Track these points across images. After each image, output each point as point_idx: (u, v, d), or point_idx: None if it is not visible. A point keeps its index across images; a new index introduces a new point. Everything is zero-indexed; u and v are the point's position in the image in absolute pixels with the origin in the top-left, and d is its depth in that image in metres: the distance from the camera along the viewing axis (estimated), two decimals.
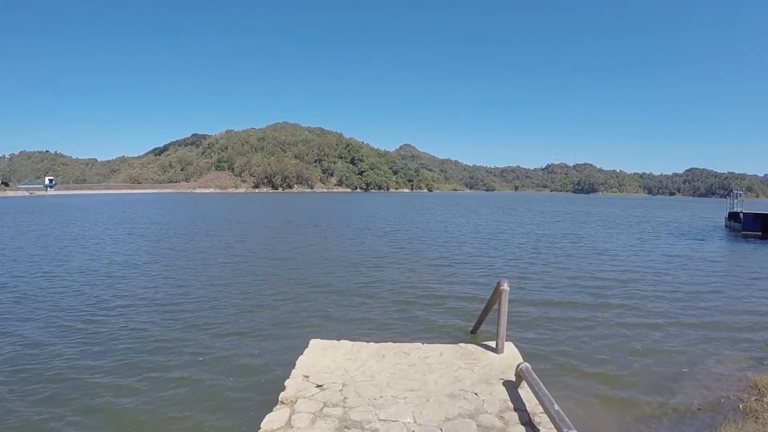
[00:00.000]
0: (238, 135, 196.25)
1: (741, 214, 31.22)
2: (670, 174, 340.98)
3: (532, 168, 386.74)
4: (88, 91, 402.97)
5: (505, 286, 6.25)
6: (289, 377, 5.37)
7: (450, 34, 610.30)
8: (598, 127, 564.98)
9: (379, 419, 4.43)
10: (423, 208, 62.12)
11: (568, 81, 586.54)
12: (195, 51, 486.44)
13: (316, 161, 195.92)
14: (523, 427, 4.37)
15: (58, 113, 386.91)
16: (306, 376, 5.40)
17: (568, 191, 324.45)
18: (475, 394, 5.05)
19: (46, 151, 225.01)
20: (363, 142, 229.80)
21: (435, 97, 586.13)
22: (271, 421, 4.43)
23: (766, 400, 5.94)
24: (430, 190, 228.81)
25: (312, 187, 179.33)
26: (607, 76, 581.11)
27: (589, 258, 18.42)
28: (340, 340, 6.76)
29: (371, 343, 6.63)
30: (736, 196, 35.77)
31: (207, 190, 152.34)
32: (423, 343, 6.72)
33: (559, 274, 14.68)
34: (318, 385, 5.17)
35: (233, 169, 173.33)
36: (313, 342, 6.58)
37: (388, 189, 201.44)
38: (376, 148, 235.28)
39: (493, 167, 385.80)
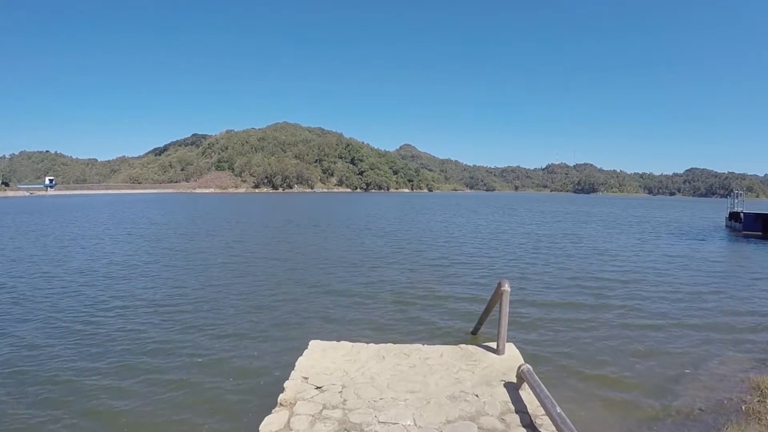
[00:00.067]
0: (238, 135, 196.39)
1: (741, 214, 31.19)
2: (671, 174, 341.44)
3: (532, 168, 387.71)
4: (88, 91, 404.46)
5: (506, 287, 6.21)
6: (288, 379, 5.33)
7: (450, 34, 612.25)
8: (598, 127, 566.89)
9: (378, 421, 4.39)
10: (423, 208, 62.07)
11: (568, 81, 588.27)
12: (195, 51, 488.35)
13: (316, 161, 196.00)
14: (524, 430, 4.34)
15: (59, 113, 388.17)
16: (305, 378, 5.35)
17: (568, 191, 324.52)
18: (476, 395, 5.01)
19: (47, 151, 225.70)
20: (363, 142, 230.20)
21: (435, 97, 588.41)
22: (269, 424, 4.39)
23: None
24: (430, 190, 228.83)
25: (312, 187, 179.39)
26: (607, 76, 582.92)
27: (589, 258, 18.37)
28: (339, 341, 6.73)
29: (371, 344, 6.59)
30: (737, 196, 35.72)
31: (207, 190, 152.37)
32: (423, 344, 6.69)
33: (559, 274, 14.63)
34: (317, 387, 5.13)
35: (233, 169, 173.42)
36: (312, 343, 6.54)
37: (389, 189, 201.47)
38: (376, 148, 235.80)
39: (493, 167, 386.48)
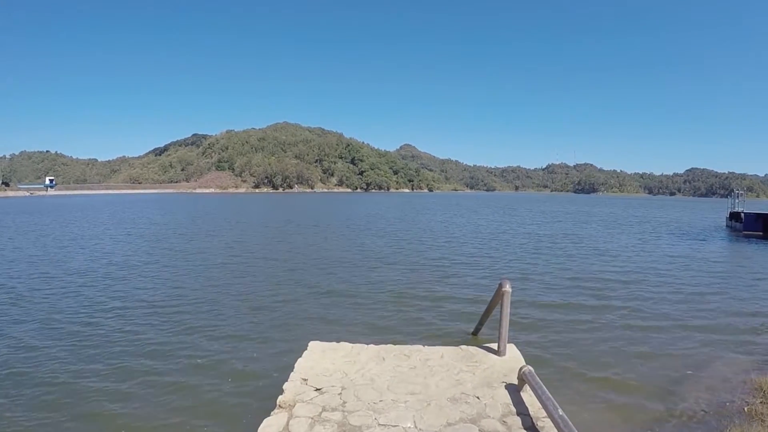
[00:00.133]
0: (238, 135, 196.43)
1: (742, 214, 31.13)
2: (671, 174, 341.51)
3: (532, 168, 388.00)
4: (88, 91, 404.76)
5: (507, 288, 6.16)
6: (287, 380, 5.28)
7: (450, 34, 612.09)
8: (599, 127, 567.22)
9: (378, 424, 4.34)
10: (423, 208, 62.03)
11: (568, 81, 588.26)
12: (195, 51, 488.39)
13: (316, 161, 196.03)
14: None
15: (59, 113, 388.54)
16: (305, 380, 5.31)
17: (568, 191, 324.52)
18: (477, 397, 4.96)
19: (47, 151, 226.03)
20: (363, 142, 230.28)
21: (435, 97, 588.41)
22: (268, 426, 4.35)
23: None
24: (430, 190, 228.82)
25: (312, 187, 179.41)
26: (607, 76, 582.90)
27: (590, 258, 18.32)
28: (339, 342, 6.68)
29: (371, 345, 6.54)
30: (737, 195, 35.66)
31: (207, 190, 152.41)
32: (424, 345, 6.65)
33: (560, 275, 14.58)
34: (317, 389, 5.08)
35: (233, 169, 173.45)
36: (312, 344, 6.49)
37: (389, 189, 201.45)
38: (376, 148, 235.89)
39: (493, 167, 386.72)
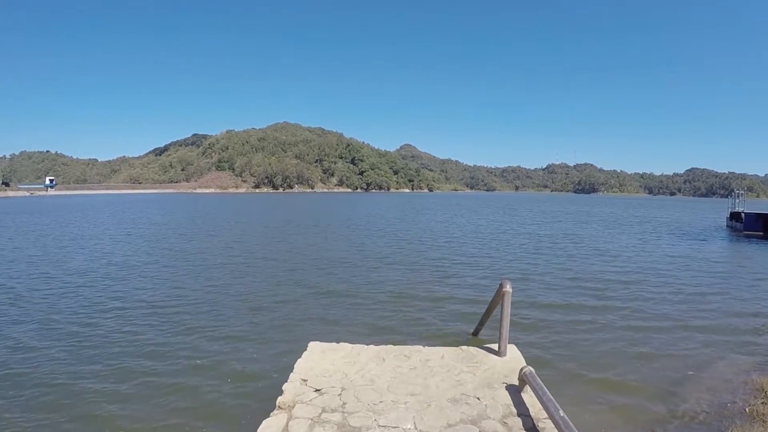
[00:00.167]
0: (238, 135, 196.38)
1: (742, 214, 31.11)
2: (671, 174, 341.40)
3: (532, 168, 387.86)
4: (88, 91, 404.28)
5: (507, 288, 6.13)
6: (287, 381, 5.26)
7: (450, 34, 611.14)
8: (599, 127, 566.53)
9: (378, 425, 4.32)
10: (423, 208, 62.01)
11: (568, 81, 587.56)
12: (195, 51, 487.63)
13: (316, 161, 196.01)
14: None
15: (59, 113, 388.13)
16: (304, 380, 5.28)
17: (568, 191, 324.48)
18: (478, 398, 4.94)
19: (47, 151, 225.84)
20: (363, 142, 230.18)
21: (435, 97, 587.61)
22: (267, 427, 4.32)
23: None
24: (430, 190, 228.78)
25: (312, 187, 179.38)
26: (607, 76, 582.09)
27: (591, 259, 18.29)
28: (339, 342, 6.65)
29: (371, 346, 6.52)
30: (738, 195, 35.62)
31: (207, 190, 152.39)
32: (424, 346, 6.62)
33: (561, 275, 14.55)
34: (316, 390, 5.06)
35: (234, 169, 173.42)
36: (311, 344, 6.47)
37: (389, 189, 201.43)
38: (376, 148, 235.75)
39: (493, 167, 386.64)
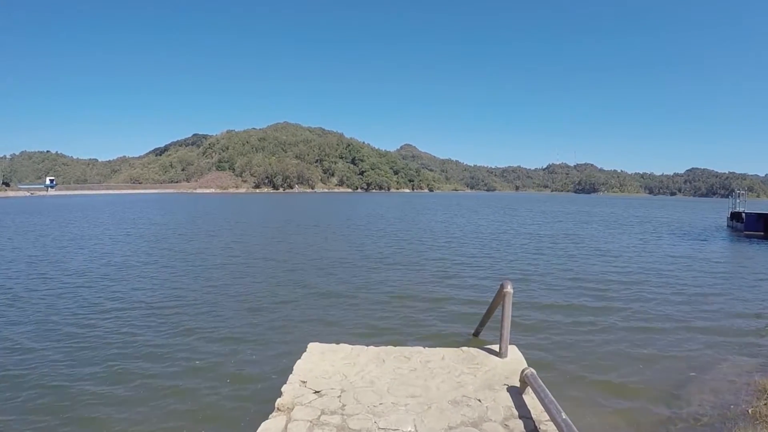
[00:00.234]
0: (238, 135, 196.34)
1: (743, 214, 31.04)
2: (671, 174, 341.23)
3: (532, 168, 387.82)
4: (88, 91, 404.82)
5: (508, 289, 6.09)
6: (286, 383, 5.21)
7: (450, 34, 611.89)
8: (599, 127, 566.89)
9: (378, 428, 4.27)
10: (424, 209, 61.96)
11: (568, 81, 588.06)
12: (195, 51, 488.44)
13: (316, 161, 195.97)
14: None
15: (59, 113, 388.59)
16: (303, 382, 5.24)
17: (569, 191, 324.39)
18: (479, 400, 4.89)
19: (47, 151, 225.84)
20: (364, 142, 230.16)
21: (435, 97, 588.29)
22: (266, 430, 4.28)
23: None
24: (431, 190, 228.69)
25: (313, 188, 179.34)
26: (607, 76, 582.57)
27: (591, 259, 18.24)
28: (339, 343, 6.60)
29: (371, 347, 6.47)
30: (738, 195, 35.56)
31: (208, 191, 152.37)
32: (424, 347, 6.57)
33: (562, 275, 14.49)
34: (316, 391, 5.01)
35: (234, 169, 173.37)
36: (311, 345, 6.42)
37: (389, 189, 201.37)
38: (376, 148, 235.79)
39: (493, 167, 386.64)
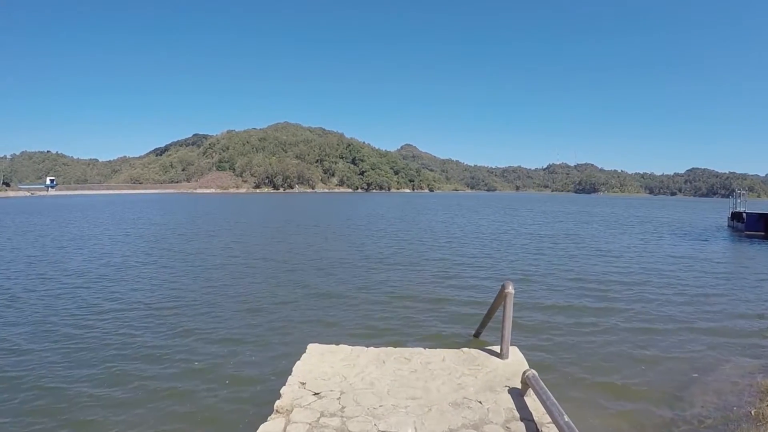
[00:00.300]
0: (239, 135, 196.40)
1: (744, 215, 30.99)
2: (672, 174, 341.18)
3: (533, 168, 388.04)
4: (88, 91, 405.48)
5: (509, 289, 6.04)
6: (285, 384, 5.16)
7: (450, 34, 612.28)
8: (599, 127, 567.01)
9: (378, 430, 4.22)
10: (424, 209, 61.93)
11: (568, 81, 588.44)
12: (195, 51, 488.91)
13: (317, 161, 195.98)
14: None
15: (59, 113, 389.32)
16: (303, 383, 5.19)
17: (569, 191, 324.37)
18: (480, 402, 4.84)
19: (48, 151, 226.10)
20: (364, 142, 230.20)
21: (435, 97, 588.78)
22: None
23: None
24: (431, 191, 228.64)
25: (313, 188, 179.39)
26: (607, 77, 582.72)
27: (592, 259, 18.19)
28: (338, 344, 6.55)
29: (371, 348, 6.42)
30: (739, 195, 35.51)
31: (208, 191, 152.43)
32: (424, 348, 6.53)
33: (563, 276, 14.44)
34: (315, 393, 4.96)
35: (234, 169, 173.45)
36: (310, 347, 6.37)
37: (390, 189, 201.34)
38: (377, 148, 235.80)
39: (494, 167, 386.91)
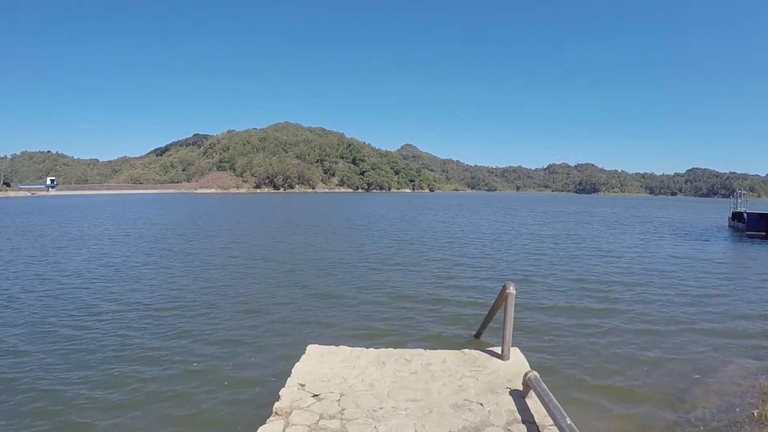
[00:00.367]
0: (239, 135, 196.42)
1: (745, 215, 30.93)
2: (672, 174, 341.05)
3: (533, 168, 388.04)
4: (89, 91, 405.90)
5: (511, 290, 6.00)
6: (284, 386, 5.12)
7: (450, 34, 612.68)
8: (599, 127, 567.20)
9: None
10: (424, 209, 61.86)
11: (568, 81, 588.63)
12: (195, 51, 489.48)
13: (317, 161, 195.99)
14: None
15: (60, 113, 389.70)
16: (302, 385, 5.15)
17: (569, 191, 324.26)
18: (481, 404, 4.80)
19: (48, 151, 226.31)
20: (364, 142, 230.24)
21: (435, 97, 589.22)
22: None
23: None
24: (431, 191, 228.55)
25: (313, 188, 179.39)
26: (607, 77, 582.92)
27: (593, 259, 18.13)
28: (338, 345, 6.51)
29: (371, 349, 6.38)
30: (739, 195, 35.44)
31: (208, 191, 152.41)
32: (425, 349, 6.49)
33: (564, 276, 14.38)
34: (314, 395, 4.92)
35: (235, 169, 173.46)
36: (310, 348, 6.33)
37: (390, 189, 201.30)
38: (377, 148, 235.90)
39: (494, 167, 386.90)
